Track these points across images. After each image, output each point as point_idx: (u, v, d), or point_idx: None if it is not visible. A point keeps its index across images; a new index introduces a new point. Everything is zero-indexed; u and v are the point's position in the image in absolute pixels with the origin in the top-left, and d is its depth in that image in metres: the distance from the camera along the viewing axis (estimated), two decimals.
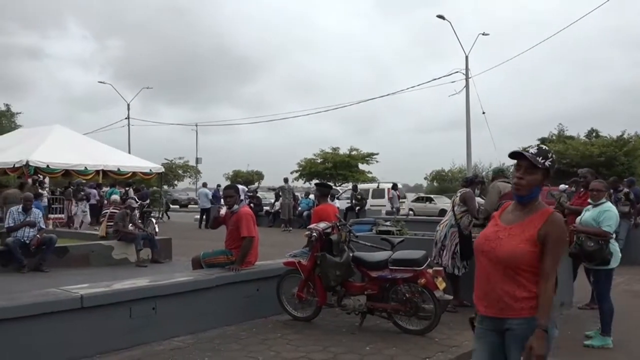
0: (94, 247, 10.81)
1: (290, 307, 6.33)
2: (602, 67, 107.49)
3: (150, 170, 23.50)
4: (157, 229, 14.42)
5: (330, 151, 44.03)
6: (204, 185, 25.19)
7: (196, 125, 52.86)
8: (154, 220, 15.74)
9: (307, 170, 43.27)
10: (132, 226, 11.36)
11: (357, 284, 6.07)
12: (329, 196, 7.81)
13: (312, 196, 20.94)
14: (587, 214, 5.76)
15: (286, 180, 22.48)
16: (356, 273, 6.10)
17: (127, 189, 19.75)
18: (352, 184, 28.08)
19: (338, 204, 18.08)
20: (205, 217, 21.45)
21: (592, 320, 6.22)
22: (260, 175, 58.91)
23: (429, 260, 5.88)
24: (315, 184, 8.57)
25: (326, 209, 7.14)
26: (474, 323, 2.78)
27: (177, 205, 43.18)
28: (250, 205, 19.60)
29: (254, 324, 6.10)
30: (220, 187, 21.73)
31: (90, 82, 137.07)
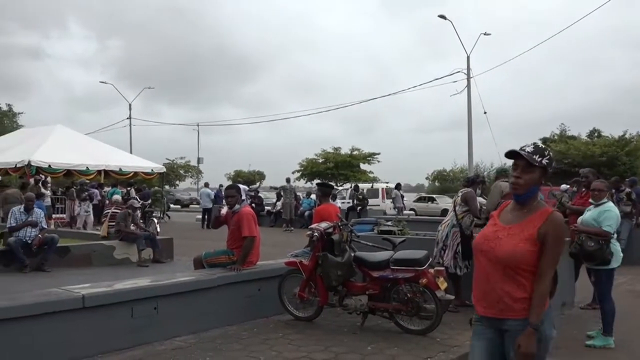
0: (95, 247, 10.82)
1: (292, 307, 6.33)
2: (603, 67, 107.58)
3: (152, 170, 23.56)
4: (158, 229, 14.43)
5: (332, 151, 43.97)
6: (206, 185, 25.16)
7: (198, 125, 52.93)
8: (156, 220, 15.76)
9: (309, 170, 43.22)
10: (134, 226, 11.37)
11: (359, 283, 6.07)
12: (331, 196, 7.81)
13: (313, 196, 20.95)
14: (588, 214, 5.76)
15: (288, 180, 22.47)
16: (358, 273, 6.10)
17: (129, 188, 19.78)
18: (354, 184, 28.06)
19: (340, 204, 18.11)
20: (207, 217, 21.46)
21: (593, 320, 6.21)
22: (261, 175, 58.98)
23: (431, 260, 5.88)
24: (317, 184, 8.57)
25: (328, 209, 7.15)
26: (472, 321, 2.75)
27: (179, 205, 43.18)
28: (252, 205, 19.60)
29: (255, 324, 6.10)
30: (222, 187, 21.73)
31: (91, 82, 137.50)
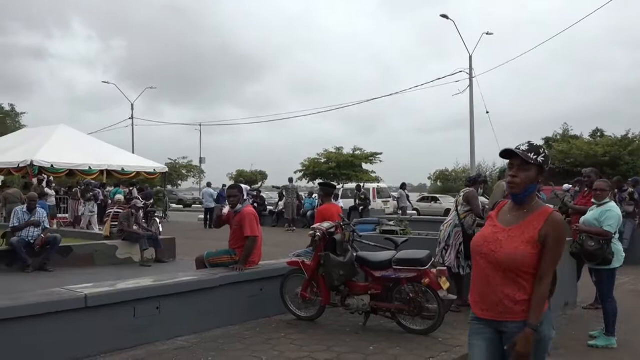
0: (98, 247, 10.83)
1: (294, 306, 6.33)
2: (606, 66, 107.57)
3: (154, 170, 23.58)
4: (161, 229, 14.44)
5: (334, 151, 43.93)
6: (208, 185, 25.20)
7: (200, 125, 52.99)
8: (158, 220, 15.77)
9: (311, 170, 43.17)
10: (136, 226, 11.38)
11: (361, 283, 6.06)
12: (333, 196, 7.81)
13: (315, 196, 20.93)
14: (590, 214, 5.77)
15: (291, 180, 22.49)
16: (360, 273, 6.10)
17: (131, 188, 19.81)
18: (356, 184, 28.04)
19: (342, 204, 18.09)
20: (209, 216, 21.49)
21: (596, 320, 6.20)
22: (263, 175, 58.91)
23: (433, 260, 5.87)
24: (319, 183, 8.56)
25: (330, 209, 7.15)
26: (468, 321, 2.73)
27: (182, 205, 43.20)
28: (254, 205, 19.59)
29: (257, 324, 6.10)
30: (226, 187, 21.71)
31: (94, 82, 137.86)
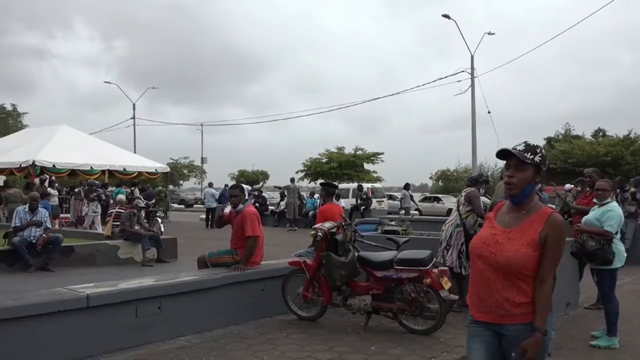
0: (99, 247, 10.84)
1: (296, 306, 6.33)
2: (608, 66, 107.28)
3: (156, 170, 23.62)
4: (162, 229, 14.46)
5: (336, 151, 43.97)
6: (210, 185, 25.24)
7: (201, 125, 53.00)
8: (160, 220, 15.79)
9: (313, 170, 43.23)
10: (138, 226, 11.39)
11: (363, 283, 6.06)
12: (334, 196, 7.81)
13: (316, 196, 20.93)
14: (591, 214, 5.77)
15: (292, 180, 22.53)
16: (361, 273, 6.10)
17: (133, 188, 19.81)
18: (357, 183, 28.04)
19: (344, 204, 18.07)
20: (211, 216, 21.53)
21: (598, 321, 6.18)
22: (265, 175, 58.94)
23: (435, 260, 5.87)
24: (321, 183, 8.55)
25: (331, 209, 7.14)
26: (466, 324, 2.69)
27: (183, 205, 43.22)
28: (256, 204, 19.62)
29: (259, 324, 6.10)
30: (228, 187, 21.73)
31: (96, 82, 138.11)
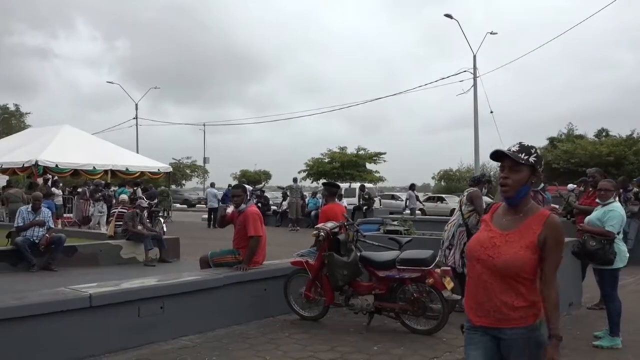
0: (102, 247, 10.86)
1: (298, 306, 6.33)
2: (611, 66, 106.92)
3: (158, 169, 23.64)
4: (165, 229, 14.48)
5: (338, 151, 43.91)
6: (212, 185, 25.30)
7: (204, 125, 52.98)
8: (162, 220, 15.82)
9: (315, 170, 43.18)
10: (141, 226, 11.40)
11: (365, 283, 6.06)
12: (337, 196, 7.81)
13: (319, 195, 20.94)
14: (593, 214, 5.77)
15: (295, 180, 22.56)
16: (364, 273, 6.10)
17: (135, 188, 19.84)
18: (360, 183, 28.05)
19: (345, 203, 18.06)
20: (213, 216, 21.56)
21: (601, 321, 6.17)
22: (267, 175, 58.91)
23: (437, 259, 5.87)
24: (323, 183, 8.56)
25: (334, 209, 7.14)
26: (464, 329, 2.65)
27: (186, 205, 43.23)
28: (258, 204, 19.63)
29: (261, 324, 6.11)
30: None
31: (98, 82, 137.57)
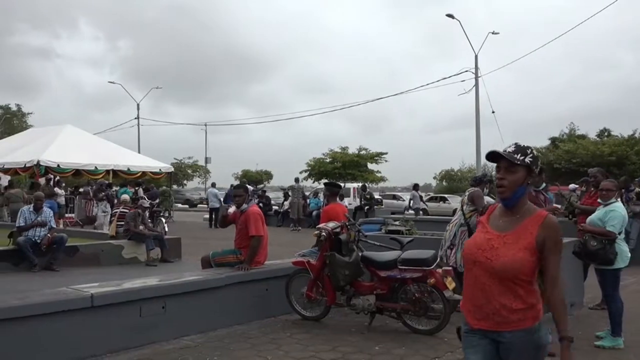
0: (104, 247, 10.87)
1: (300, 306, 6.33)
2: (613, 65, 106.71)
3: (160, 170, 23.66)
4: (166, 229, 14.48)
5: (339, 151, 43.93)
6: (213, 185, 25.33)
7: (205, 125, 52.98)
8: (164, 220, 15.82)
9: (316, 170, 43.21)
10: (142, 226, 11.40)
11: (366, 283, 6.06)
12: (338, 195, 7.81)
13: (321, 195, 20.95)
14: (595, 214, 5.77)
15: (297, 180, 22.58)
16: (365, 273, 6.10)
17: (137, 188, 19.86)
18: (362, 183, 28.05)
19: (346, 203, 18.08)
20: (214, 216, 21.58)
21: (603, 321, 6.17)
22: (269, 175, 58.97)
23: (439, 260, 5.87)
24: (325, 183, 8.56)
25: (335, 209, 7.14)
26: (461, 333, 2.61)
27: (187, 205, 43.25)
28: (260, 204, 19.64)
29: (263, 323, 6.11)
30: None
31: (100, 82, 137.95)
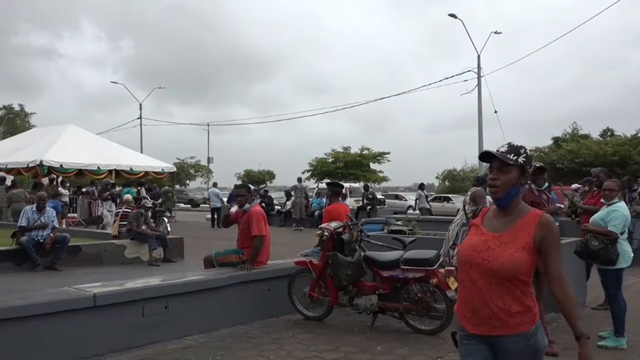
0: (106, 246, 10.88)
1: (302, 306, 6.33)
2: (616, 65, 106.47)
3: (163, 169, 23.65)
4: (169, 229, 14.49)
5: (342, 150, 43.89)
6: (215, 185, 25.40)
7: (208, 125, 53.04)
8: (166, 220, 15.82)
9: (319, 170, 43.17)
10: (145, 226, 11.41)
11: (369, 283, 6.06)
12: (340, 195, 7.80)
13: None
14: (597, 214, 5.76)
15: (300, 179, 22.63)
16: (368, 272, 6.10)
17: (139, 188, 19.88)
18: (364, 183, 28.03)
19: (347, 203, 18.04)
20: (216, 216, 21.61)
21: (605, 321, 6.16)
22: (271, 174, 58.94)
23: (441, 259, 5.86)
24: (327, 183, 8.56)
25: (338, 209, 7.14)
26: (457, 338, 2.56)
27: (190, 205, 43.28)
28: (262, 204, 19.63)
29: (265, 323, 6.11)
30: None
31: (103, 82, 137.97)
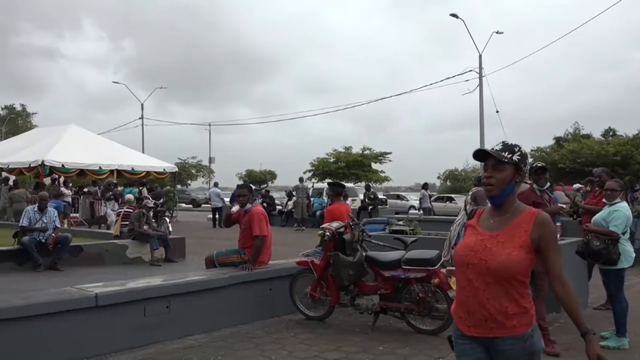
0: (108, 246, 10.90)
1: (303, 306, 6.34)
2: (618, 65, 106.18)
3: (164, 169, 23.69)
4: (170, 229, 14.51)
5: (343, 150, 43.91)
6: (215, 185, 25.42)
7: (209, 125, 53.02)
8: (168, 220, 15.84)
9: (320, 170, 43.19)
10: (146, 226, 11.42)
11: (370, 283, 6.06)
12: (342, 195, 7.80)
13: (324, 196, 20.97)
14: (599, 214, 5.76)
15: (301, 179, 22.63)
16: (369, 272, 6.10)
17: (141, 188, 19.91)
18: (365, 183, 28.04)
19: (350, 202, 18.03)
20: (217, 216, 21.62)
21: (607, 321, 6.15)
22: (273, 174, 58.97)
23: (443, 259, 5.86)
24: (329, 183, 8.56)
25: (339, 209, 7.13)
26: (452, 339, 2.55)
27: (191, 205, 43.31)
28: (263, 204, 19.63)
29: (267, 323, 6.12)
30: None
31: (104, 82, 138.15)
